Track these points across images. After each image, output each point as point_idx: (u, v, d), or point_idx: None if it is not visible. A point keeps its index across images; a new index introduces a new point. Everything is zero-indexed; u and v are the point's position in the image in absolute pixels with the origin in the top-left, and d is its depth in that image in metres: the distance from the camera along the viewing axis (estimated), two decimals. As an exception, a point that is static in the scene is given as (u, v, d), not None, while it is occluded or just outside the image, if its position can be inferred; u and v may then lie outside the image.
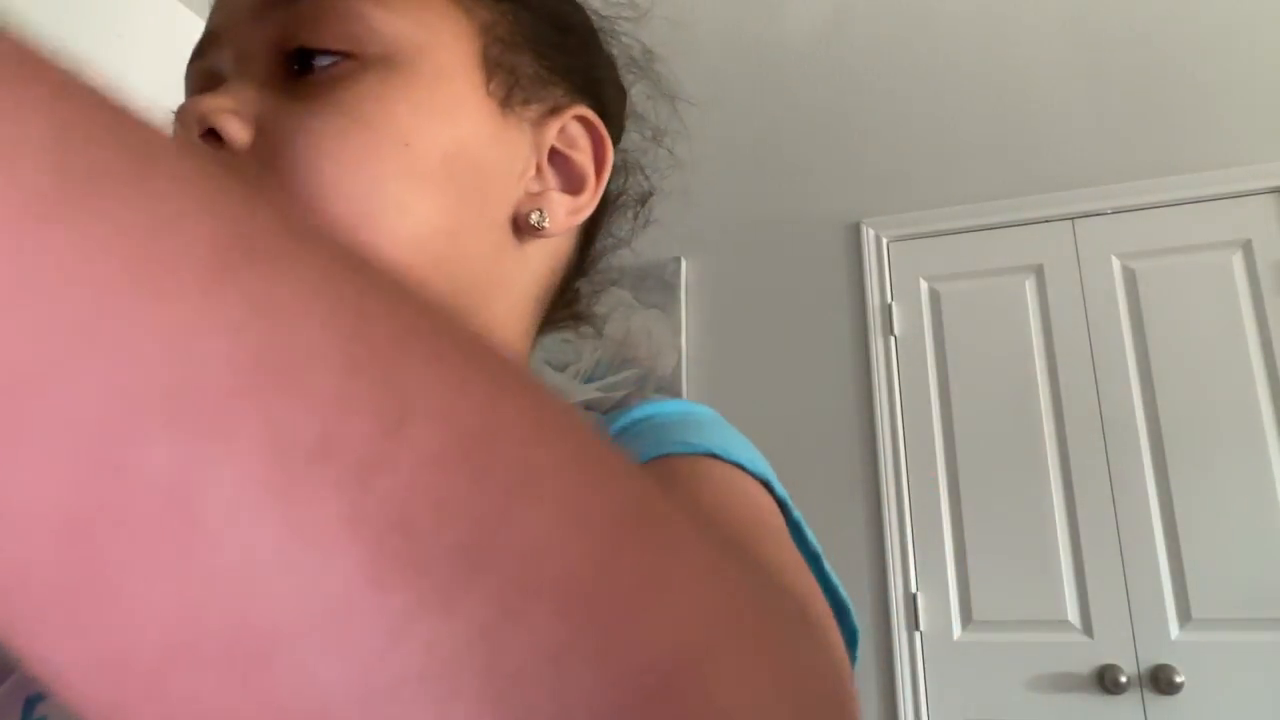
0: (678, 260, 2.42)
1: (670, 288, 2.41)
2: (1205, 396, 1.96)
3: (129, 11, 2.51)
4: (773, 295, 2.34)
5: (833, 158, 2.38)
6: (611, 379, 2.37)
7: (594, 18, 0.48)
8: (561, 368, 2.43)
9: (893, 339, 2.21)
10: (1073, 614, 1.93)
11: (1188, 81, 2.14)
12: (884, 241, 2.28)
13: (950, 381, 2.14)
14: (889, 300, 2.24)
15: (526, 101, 0.42)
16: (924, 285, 2.23)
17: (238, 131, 0.36)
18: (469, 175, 0.39)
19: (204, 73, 0.40)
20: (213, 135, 0.36)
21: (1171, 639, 1.86)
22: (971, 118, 2.29)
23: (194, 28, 3.01)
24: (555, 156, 0.43)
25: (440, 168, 0.38)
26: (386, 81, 0.37)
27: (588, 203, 0.43)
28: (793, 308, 2.31)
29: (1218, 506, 1.89)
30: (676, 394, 2.31)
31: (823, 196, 2.36)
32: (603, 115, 0.45)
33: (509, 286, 0.42)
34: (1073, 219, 2.15)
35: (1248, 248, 2.02)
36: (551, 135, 0.43)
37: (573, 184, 0.43)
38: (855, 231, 2.31)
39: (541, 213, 0.41)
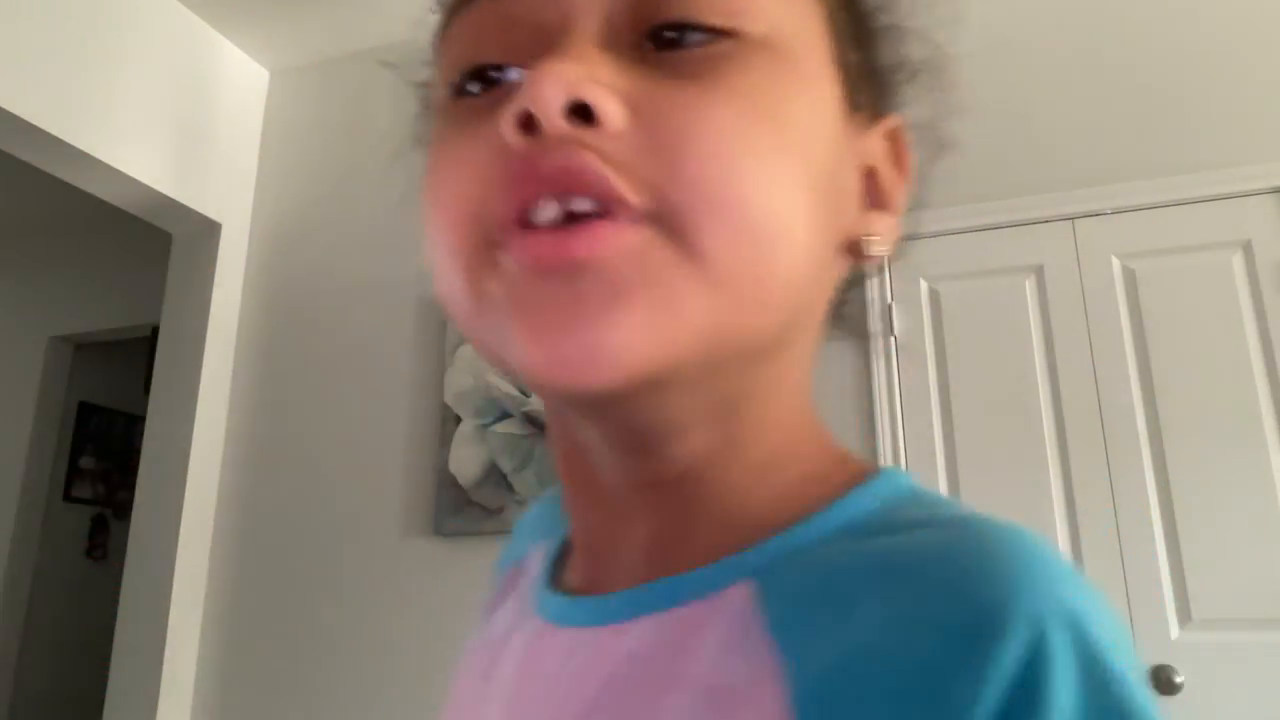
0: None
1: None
2: (1205, 396, 1.96)
3: (129, 11, 2.51)
4: (773, 295, 2.34)
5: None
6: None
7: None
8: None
9: (893, 339, 2.21)
10: (1073, 614, 1.92)
11: (1188, 81, 2.14)
12: (884, 241, 2.28)
13: (950, 381, 2.14)
14: (889, 300, 2.24)
15: (858, 107, 0.35)
16: (924, 285, 2.23)
17: (616, 112, 0.28)
18: (836, 192, 0.33)
19: (511, 18, 0.32)
20: (578, 113, 0.28)
21: (1171, 639, 1.86)
22: (971, 118, 2.29)
23: (194, 28, 3.00)
24: (867, 171, 0.36)
25: (823, 181, 0.31)
26: (777, 73, 0.30)
27: (900, 222, 0.37)
28: (793, 308, 2.31)
29: (1218, 506, 1.89)
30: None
31: (823, 196, 2.36)
32: None
33: (820, 314, 0.36)
34: (1073, 219, 2.15)
35: (1248, 248, 2.01)
36: (872, 147, 0.36)
37: (880, 201, 0.37)
38: (855, 231, 2.31)
39: (873, 238, 0.35)
